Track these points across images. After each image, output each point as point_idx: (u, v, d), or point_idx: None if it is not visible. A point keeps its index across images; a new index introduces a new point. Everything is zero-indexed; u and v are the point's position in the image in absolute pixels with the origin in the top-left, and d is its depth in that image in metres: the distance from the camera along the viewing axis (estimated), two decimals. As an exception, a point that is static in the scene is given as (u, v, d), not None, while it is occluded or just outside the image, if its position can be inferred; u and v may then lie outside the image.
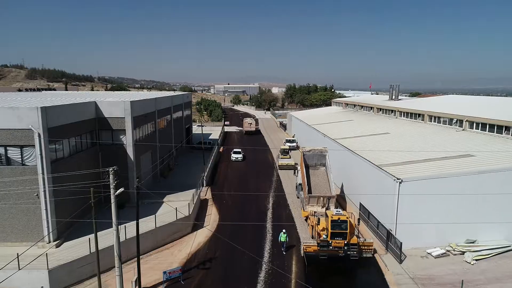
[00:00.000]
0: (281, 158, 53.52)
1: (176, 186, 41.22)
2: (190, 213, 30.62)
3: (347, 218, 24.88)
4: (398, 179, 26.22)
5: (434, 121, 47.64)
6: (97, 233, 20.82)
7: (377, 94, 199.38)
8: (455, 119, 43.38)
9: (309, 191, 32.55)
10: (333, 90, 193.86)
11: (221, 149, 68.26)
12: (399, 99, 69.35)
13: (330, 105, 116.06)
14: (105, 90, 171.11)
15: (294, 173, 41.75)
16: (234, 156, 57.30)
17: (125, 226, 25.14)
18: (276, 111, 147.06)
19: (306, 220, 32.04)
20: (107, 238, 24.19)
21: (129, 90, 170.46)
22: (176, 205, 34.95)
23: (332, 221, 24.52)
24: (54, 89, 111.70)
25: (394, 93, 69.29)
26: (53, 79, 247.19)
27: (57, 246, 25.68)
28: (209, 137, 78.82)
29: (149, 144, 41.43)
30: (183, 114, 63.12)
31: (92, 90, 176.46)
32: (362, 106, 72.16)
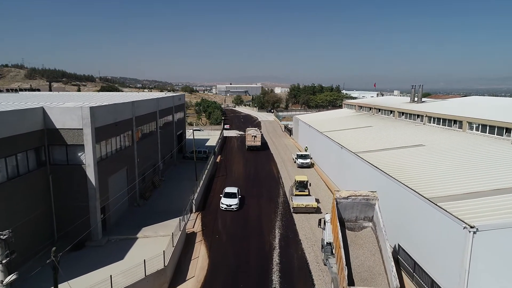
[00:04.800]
0: (295, 195, 36.64)
1: (157, 213, 32.84)
2: (166, 264, 21.97)
3: None
4: (471, 227, 17.47)
5: (477, 130, 38.79)
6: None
7: (382, 94, 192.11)
8: (508, 128, 34.56)
9: (350, 279, 18.16)
10: (341, 90, 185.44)
11: (218, 159, 59.56)
12: (423, 101, 60.47)
13: (338, 107, 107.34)
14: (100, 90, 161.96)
15: (319, 225, 26.84)
16: (225, 203, 35.08)
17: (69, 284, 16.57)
18: (280, 113, 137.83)
19: None
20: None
21: (122, 91, 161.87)
22: (153, 243, 26.80)
23: None
24: (39, 90, 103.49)
25: (417, 94, 60.41)
26: (53, 78, 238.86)
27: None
28: (206, 144, 70.41)
29: (123, 160, 32.92)
30: (173, 119, 54.52)
31: (79, 90, 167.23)
32: (379, 109, 63.10)
